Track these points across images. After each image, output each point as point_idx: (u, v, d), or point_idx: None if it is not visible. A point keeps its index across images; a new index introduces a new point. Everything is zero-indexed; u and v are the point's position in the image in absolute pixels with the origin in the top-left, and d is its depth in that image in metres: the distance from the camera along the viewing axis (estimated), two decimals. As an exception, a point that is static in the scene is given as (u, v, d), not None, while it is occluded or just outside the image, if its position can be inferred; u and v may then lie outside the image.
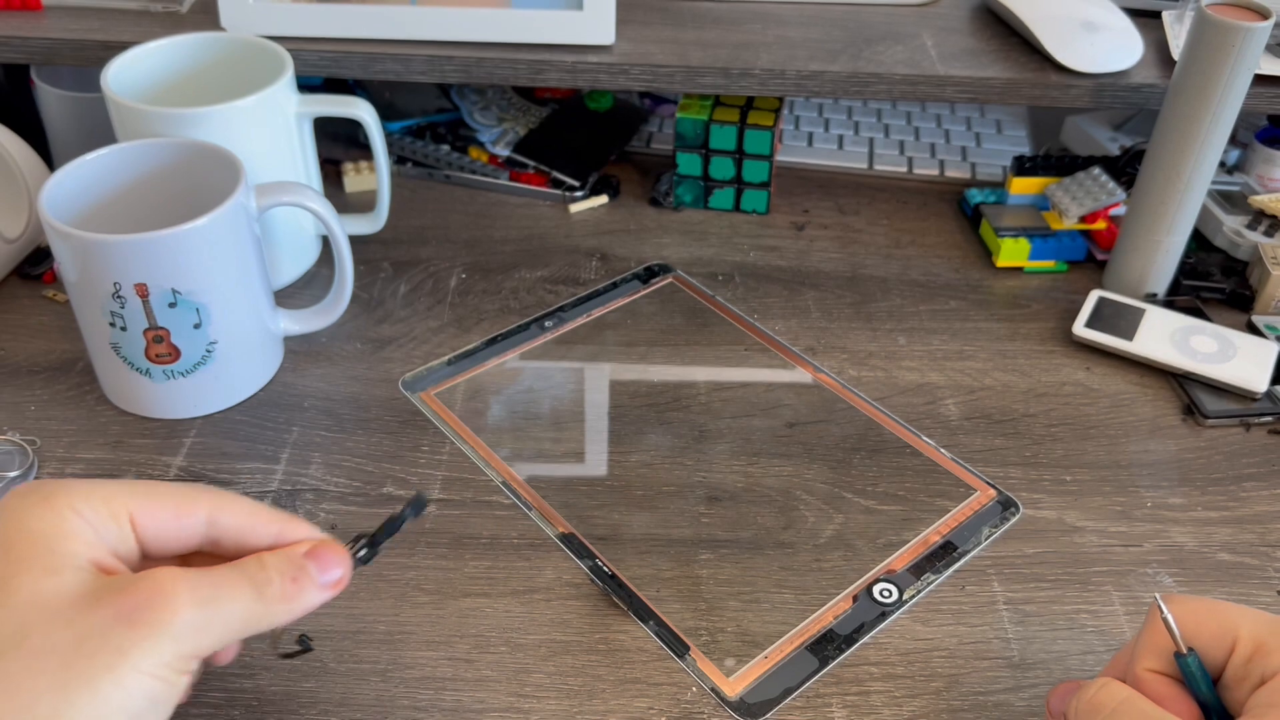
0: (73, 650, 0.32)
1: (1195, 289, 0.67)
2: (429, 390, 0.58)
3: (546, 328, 0.62)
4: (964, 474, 0.55)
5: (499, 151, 0.79)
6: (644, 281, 0.67)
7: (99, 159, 0.57)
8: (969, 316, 0.66)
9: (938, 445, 0.56)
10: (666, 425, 0.57)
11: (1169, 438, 0.58)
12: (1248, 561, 0.51)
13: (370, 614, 0.48)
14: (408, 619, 0.47)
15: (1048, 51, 0.70)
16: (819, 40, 0.73)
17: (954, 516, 0.52)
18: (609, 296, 0.65)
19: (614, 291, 0.66)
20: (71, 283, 0.54)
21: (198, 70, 0.66)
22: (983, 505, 0.53)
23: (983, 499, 0.53)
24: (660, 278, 0.67)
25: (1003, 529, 0.52)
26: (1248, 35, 0.57)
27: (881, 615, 0.47)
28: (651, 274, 0.67)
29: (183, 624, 0.33)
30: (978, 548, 0.51)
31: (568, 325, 0.63)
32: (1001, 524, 0.52)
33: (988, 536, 0.51)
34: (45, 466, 0.55)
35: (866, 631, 0.47)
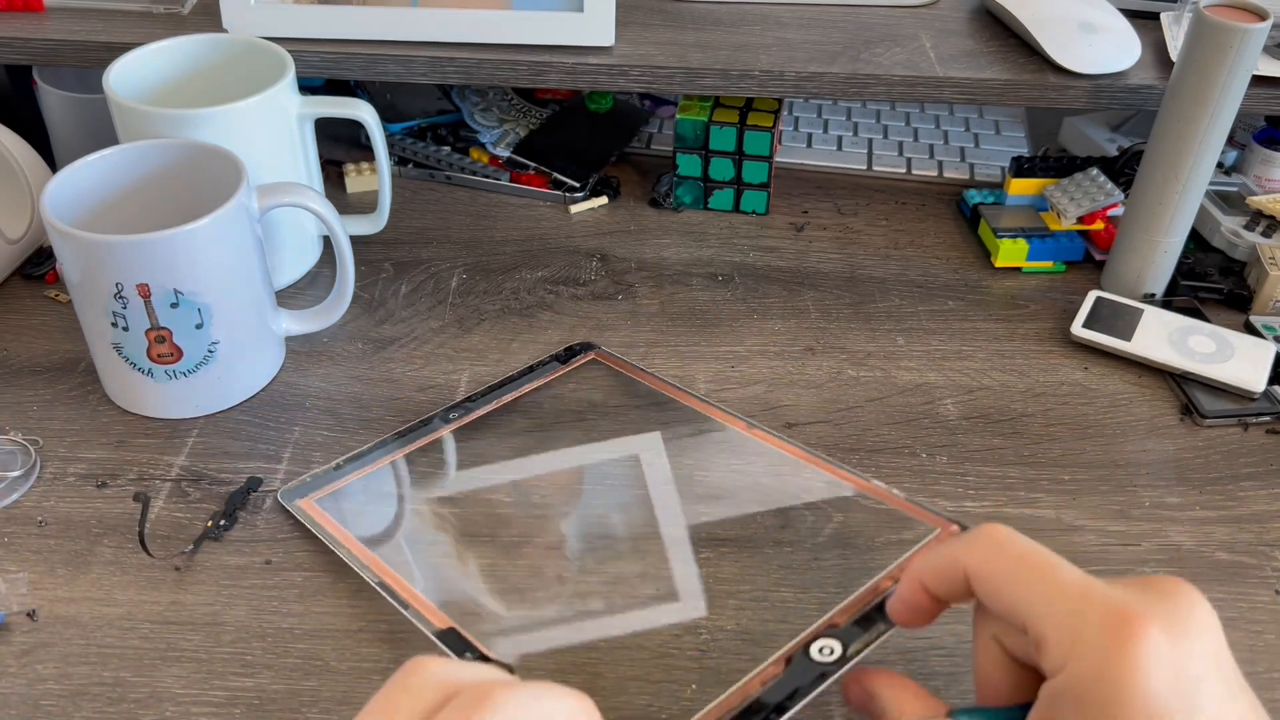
0: None
1: (1193, 289, 0.67)
2: (309, 497, 0.52)
3: (450, 419, 0.56)
4: (923, 514, 0.49)
5: (500, 153, 0.79)
6: (563, 362, 0.61)
7: (101, 160, 0.57)
8: (967, 317, 0.67)
9: (889, 489, 0.51)
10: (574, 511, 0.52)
11: (1167, 437, 0.58)
12: (1245, 561, 0.51)
13: (371, 613, 0.48)
14: (410, 618, 0.48)
15: (1046, 53, 0.71)
16: (818, 42, 0.73)
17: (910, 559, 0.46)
18: (524, 380, 0.59)
19: (530, 375, 0.60)
20: (74, 283, 0.54)
21: (199, 71, 0.66)
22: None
23: (943, 536, 0.48)
24: (581, 356, 0.61)
25: None
26: (1245, 36, 0.58)
27: (821, 677, 0.41)
28: (571, 354, 0.61)
29: None
30: None
31: (474, 414, 0.57)
32: None
33: None
34: (48, 466, 0.55)
35: (801, 698, 0.40)
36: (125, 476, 0.54)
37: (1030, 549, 0.35)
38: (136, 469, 0.55)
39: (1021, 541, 0.35)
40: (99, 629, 0.47)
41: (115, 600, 0.48)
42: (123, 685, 0.45)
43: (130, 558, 0.50)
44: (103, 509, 0.53)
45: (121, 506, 0.53)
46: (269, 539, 0.51)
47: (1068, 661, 0.32)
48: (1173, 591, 0.33)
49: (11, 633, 0.47)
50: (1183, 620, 0.32)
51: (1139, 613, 0.31)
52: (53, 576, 0.49)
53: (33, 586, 0.49)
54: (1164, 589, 0.33)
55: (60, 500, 0.53)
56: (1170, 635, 0.31)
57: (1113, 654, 0.31)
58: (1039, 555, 0.35)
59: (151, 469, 0.55)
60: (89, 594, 0.48)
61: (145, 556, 0.50)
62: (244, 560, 0.50)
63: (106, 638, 0.47)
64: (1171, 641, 0.31)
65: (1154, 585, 0.33)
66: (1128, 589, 0.33)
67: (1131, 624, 0.31)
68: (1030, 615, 0.33)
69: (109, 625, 0.47)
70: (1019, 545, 0.35)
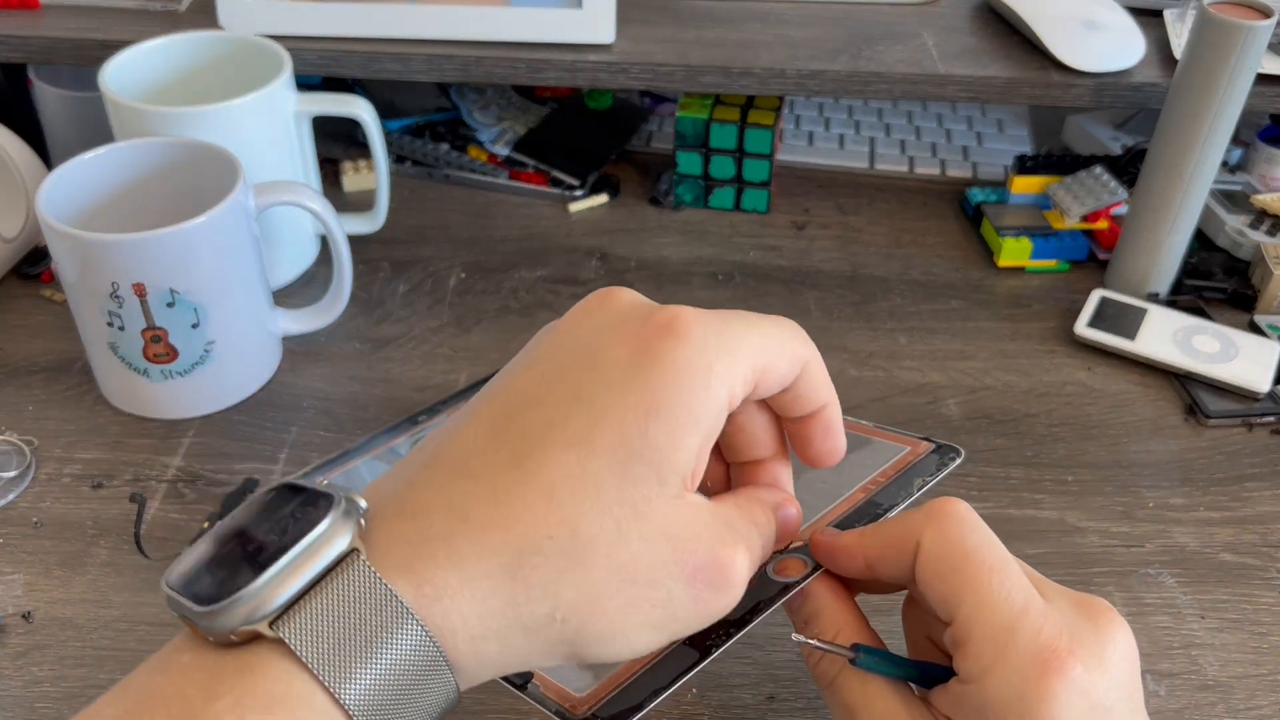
0: (643, 588, 0.30)
1: (1197, 289, 0.67)
2: None
3: (419, 421, 0.55)
4: (891, 436, 0.46)
5: (498, 150, 0.78)
6: None
7: (97, 158, 0.57)
8: (970, 316, 0.66)
9: (855, 418, 0.47)
10: None
11: (1171, 438, 0.58)
12: (1250, 562, 0.51)
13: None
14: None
15: (1049, 50, 0.70)
16: (819, 39, 0.73)
17: (880, 474, 0.43)
18: None
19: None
20: (69, 282, 0.54)
21: (196, 69, 0.66)
22: (915, 458, 0.44)
23: (913, 454, 0.44)
24: None
25: (940, 475, 0.43)
26: (1250, 34, 0.57)
27: (783, 590, 0.38)
28: None
29: (723, 611, 0.32)
30: (908, 500, 0.41)
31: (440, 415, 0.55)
32: (938, 472, 0.43)
33: (920, 488, 0.42)
34: (43, 467, 0.54)
35: (763, 611, 0.37)
36: (121, 477, 0.54)
37: (983, 543, 0.34)
38: (132, 469, 0.54)
39: (978, 532, 0.35)
40: (95, 631, 0.47)
41: (111, 602, 0.48)
42: (118, 688, 0.44)
43: (126, 559, 0.50)
44: (98, 510, 0.52)
45: (117, 507, 0.52)
46: (266, 540, 0.51)
47: (986, 677, 0.33)
48: (1104, 623, 0.34)
49: (7, 634, 0.46)
50: (1104, 653, 0.33)
51: (1066, 647, 0.32)
52: (48, 578, 0.49)
53: (28, 588, 0.48)
54: (1096, 618, 0.34)
55: (56, 501, 0.53)
56: (1091, 670, 0.33)
57: (1032, 683, 0.32)
58: (990, 553, 0.34)
59: (148, 469, 0.54)
60: (85, 595, 0.48)
61: (141, 558, 0.50)
62: (240, 562, 0.50)
63: (102, 639, 0.46)
64: (1091, 676, 0.32)
65: (1087, 611, 0.34)
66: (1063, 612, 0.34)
67: (1059, 658, 0.32)
68: (960, 615, 0.33)
69: (105, 627, 0.47)
70: (974, 536, 0.34)
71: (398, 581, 0.28)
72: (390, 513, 0.30)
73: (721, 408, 0.32)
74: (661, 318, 0.32)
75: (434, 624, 0.28)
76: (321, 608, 0.27)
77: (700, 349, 0.32)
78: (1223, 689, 0.45)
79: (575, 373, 0.31)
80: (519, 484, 0.29)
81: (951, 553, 0.34)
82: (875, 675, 0.35)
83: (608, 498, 0.30)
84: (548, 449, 0.30)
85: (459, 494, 0.30)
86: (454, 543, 0.29)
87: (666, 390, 0.31)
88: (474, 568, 0.29)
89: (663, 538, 0.30)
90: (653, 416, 0.30)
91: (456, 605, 0.28)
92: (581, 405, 0.31)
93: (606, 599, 0.30)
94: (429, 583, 0.28)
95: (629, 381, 0.31)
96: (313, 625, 0.27)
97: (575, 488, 0.29)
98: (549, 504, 0.29)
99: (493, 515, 0.29)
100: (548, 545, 0.29)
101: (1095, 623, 0.34)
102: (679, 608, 0.31)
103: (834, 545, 0.37)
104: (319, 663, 0.27)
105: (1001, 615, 0.33)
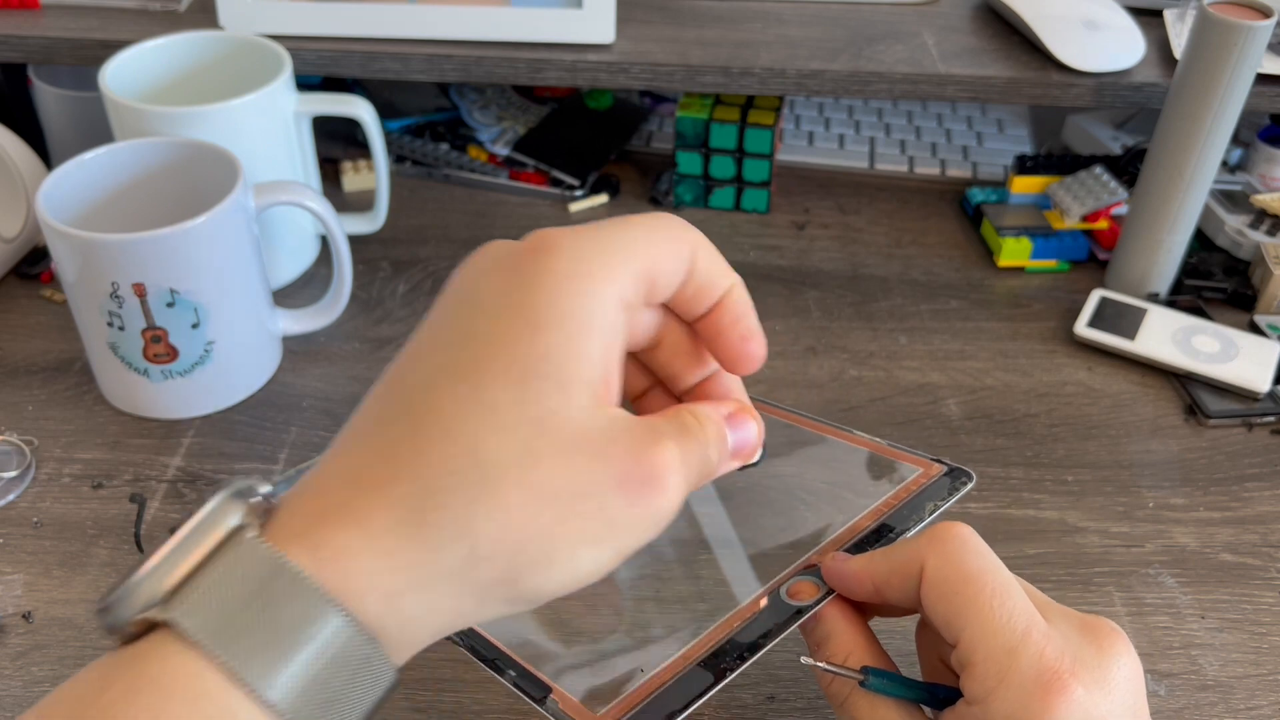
0: (569, 502, 0.28)
1: (1197, 288, 0.67)
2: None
3: None
4: (905, 457, 0.46)
5: (498, 150, 0.78)
6: None
7: (97, 158, 0.57)
8: (970, 316, 0.66)
9: (870, 436, 0.48)
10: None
11: (1171, 438, 0.58)
12: (1250, 562, 0.51)
13: (369, 615, 0.47)
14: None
15: (1049, 50, 0.70)
16: (820, 39, 0.73)
17: (894, 496, 0.44)
18: None
19: None
20: (69, 282, 0.54)
21: (196, 69, 0.66)
22: (928, 480, 0.44)
23: (926, 476, 0.45)
24: None
25: (953, 499, 0.43)
26: (1250, 34, 0.57)
27: (796, 614, 0.39)
28: None
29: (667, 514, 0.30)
30: (920, 524, 0.41)
31: None
32: (950, 496, 0.43)
33: (933, 512, 0.42)
34: (43, 467, 0.54)
35: (776, 635, 0.38)
36: (121, 477, 0.54)
37: (986, 568, 0.35)
38: (132, 470, 0.54)
39: (980, 555, 0.35)
40: (95, 631, 0.47)
41: (111, 602, 0.48)
42: (118, 688, 0.44)
43: (126, 559, 0.50)
44: (98, 510, 0.52)
45: (117, 507, 0.52)
46: (266, 540, 0.51)
47: (990, 699, 0.33)
48: (1108, 645, 0.34)
49: (7, 634, 0.46)
50: (1107, 675, 0.34)
51: (1067, 669, 0.33)
52: (48, 578, 0.49)
53: (28, 588, 0.48)
54: (1100, 641, 0.34)
55: (56, 501, 0.53)
56: (1092, 691, 0.33)
57: (1035, 704, 0.32)
58: (993, 577, 0.35)
59: (147, 470, 0.54)
60: (85, 595, 0.48)
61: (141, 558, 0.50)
62: (241, 562, 0.50)
63: (102, 639, 0.46)
64: (1093, 698, 0.33)
65: (1091, 633, 0.35)
66: (1067, 634, 0.34)
67: (1060, 679, 0.33)
68: (965, 638, 0.34)
69: (104, 628, 0.47)
70: (976, 560, 0.35)
71: (291, 549, 0.27)
72: (293, 496, 0.29)
73: (613, 309, 0.31)
74: (531, 241, 0.31)
75: (335, 586, 0.27)
76: (210, 584, 0.27)
77: (575, 258, 0.31)
78: (1222, 689, 0.45)
79: (458, 319, 0.31)
80: (412, 433, 0.29)
81: (954, 576, 0.35)
82: (885, 697, 0.36)
83: (509, 419, 0.28)
84: (438, 391, 0.29)
85: (356, 461, 0.29)
86: (352, 505, 0.28)
87: (549, 303, 0.30)
88: (377, 523, 0.27)
89: (577, 449, 0.29)
90: (540, 330, 0.29)
91: (360, 564, 0.27)
92: (467, 341, 0.30)
93: (530, 522, 0.28)
94: (326, 545, 0.27)
95: (509, 305, 0.30)
96: (203, 602, 0.26)
97: (471, 417, 0.28)
98: (446, 441, 0.28)
99: (390, 469, 0.28)
100: (451, 481, 0.28)
101: (1099, 644, 0.34)
102: (616, 515, 0.29)
103: (843, 570, 0.38)
104: (211, 637, 0.26)
105: (1003, 638, 0.34)
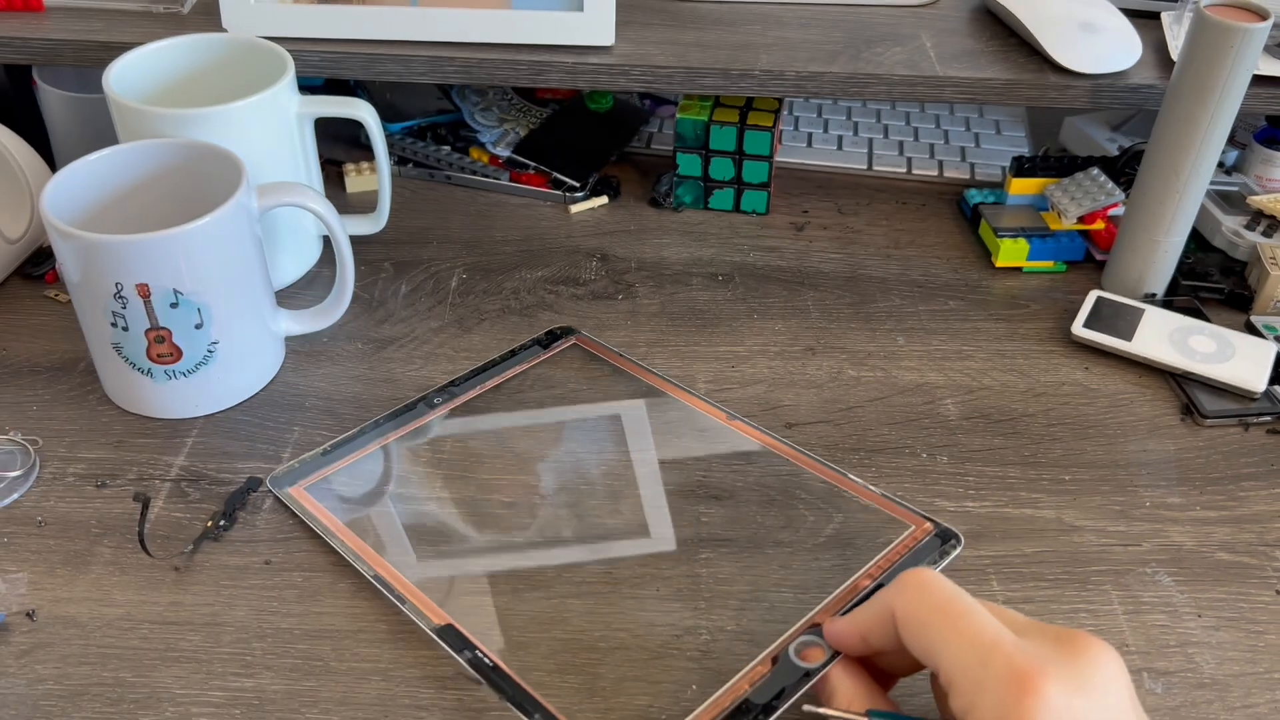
0: None
1: (1194, 289, 0.67)
2: (299, 485, 0.53)
3: (435, 404, 0.57)
4: (896, 510, 0.51)
5: (500, 152, 0.79)
6: (544, 347, 0.62)
7: (101, 159, 0.57)
8: (968, 317, 0.67)
9: (866, 484, 0.53)
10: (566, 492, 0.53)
11: (1168, 437, 0.58)
12: (1246, 561, 0.51)
13: (371, 613, 0.48)
14: (408, 618, 0.47)
15: (1046, 52, 0.71)
16: (818, 41, 0.73)
17: (885, 557, 0.48)
18: (506, 365, 0.60)
19: (511, 360, 0.60)
20: (73, 283, 0.54)
21: (199, 71, 0.66)
22: (917, 541, 0.49)
23: (918, 534, 0.50)
24: (562, 341, 0.62)
25: (941, 565, 0.48)
26: (1246, 36, 0.57)
27: (805, 676, 0.42)
28: (553, 338, 0.62)
29: None
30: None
31: (458, 399, 0.58)
32: (940, 559, 0.48)
33: None
34: (47, 466, 0.55)
35: (788, 697, 0.41)
36: (125, 476, 0.54)
37: (949, 597, 0.37)
38: (136, 469, 0.55)
39: (942, 589, 0.38)
40: (98, 629, 0.47)
41: (114, 600, 0.48)
42: (122, 685, 0.45)
43: (130, 558, 0.50)
44: (102, 509, 0.52)
45: (121, 506, 0.53)
46: (268, 539, 0.51)
47: (971, 711, 0.35)
48: (1083, 650, 0.35)
49: (11, 633, 0.47)
50: (1085, 677, 0.35)
51: (1038, 669, 0.34)
52: (52, 577, 0.49)
53: (32, 586, 0.49)
54: (1075, 646, 0.35)
55: (60, 500, 0.53)
56: (1068, 691, 0.34)
57: (1010, 706, 0.34)
58: (957, 604, 0.37)
59: (151, 469, 0.55)
60: (88, 594, 0.48)
61: (145, 556, 0.50)
62: (243, 560, 0.50)
63: (106, 638, 0.47)
64: (1069, 697, 0.34)
65: (1067, 641, 0.36)
66: (1039, 644, 0.35)
67: (1031, 679, 0.34)
68: (941, 661, 0.36)
69: (108, 625, 0.47)
70: (939, 593, 0.37)
71: None
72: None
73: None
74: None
75: None
76: None
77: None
78: (1219, 687, 0.46)
79: None
80: None
81: (921, 610, 0.37)
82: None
83: None
84: None
85: None
86: None
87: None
88: None
89: None
90: None
91: None
92: None
93: None
94: None
95: None
96: None
97: None
98: None
99: None
100: None
101: (1073, 650, 0.35)
102: None
103: (834, 629, 0.42)
104: None
105: (973, 652, 0.35)
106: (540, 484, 0.53)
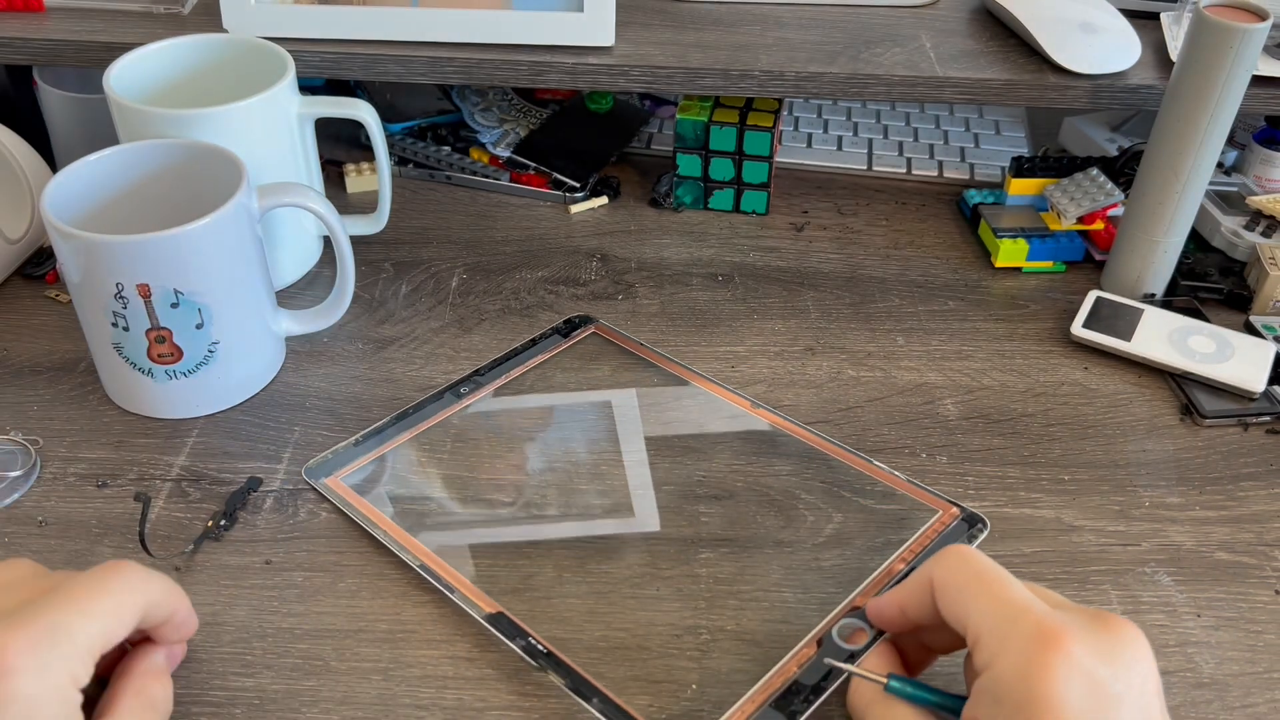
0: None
1: (1193, 289, 0.67)
2: (335, 476, 0.54)
3: (462, 394, 0.58)
4: (923, 495, 0.53)
5: (500, 153, 0.79)
6: (564, 335, 0.63)
7: (101, 160, 0.57)
8: (967, 317, 0.67)
9: (891, 469, 0.54)
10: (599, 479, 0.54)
11: (1167, 437, 0.58)
12: (1245, 560, 0.51)
13: (371, 613, 0.48)
14: (409, 617, 0.48)
15: (1046, 53, 0.71)
16: (818, 42, 0.73)
17: (917, 541, 0.50)
18: (528, 355, 0.61)
19: (533, 349, 0.62)
20: (74, 283, 0.54)
21: (200, 71, 0.66)
22: (946, 526, 0.51)
23: (945, 519, 0.52)
24: (582, 330, 0.63)
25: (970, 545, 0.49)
26: (1245, 36, 0.58)
27: (850, 657, 0.44)
28: (573, 327, 0.64)
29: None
30: None
31: (484, 389, 0.59)
32: (970, 541, 0.50)
33: None
34: (48, 466, 0.55)
35: (836, 678, 0.43)
36: (125, 476, 0.54)
37: (988, 567, 0.39)
38: (137, 469, 0.55)
39: (982, 560, 0.39)
40: (99, 629, 0.47)
41: (115, 600, 0.48)
42: (123, 685, 0.45)
43: (131, 557, 0.50)
44: (103, 509, 0.53)
45: (122, 506, 0.53)
46: (269, 539, 0.51)
47: (994, 660, 0.36)
48: (1115, 627, 0.36)
49: (12, 632, 0.47)
50: (1112, 648, 0.36)
51: (1065, 629, 0.35)
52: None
53: (33, 586, 0.49)
54: (1108, 622, 0.37)
55: (60, 500, 0.53)
56: (1093, 655, 0.35)
57: (1034, 659, 0.35)
58: (994, 573, 0.39)
59: (152, 469, 0.55)
60: (89, 594, 0.48)
61: (146, 556, 0.50)
62: (244, 560, 0.50)
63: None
64: (1094, 661, 0.35)
65: (1100, 617, 0.37)
66: (1067, 613, 0.37)
67: (1058, 637, 0.35)
68: (970, 619, 0.37)
69: (109, 625, 0.47)
70: (979, 563, 0.39)
71: None
72: None
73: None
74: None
75: None
76: None
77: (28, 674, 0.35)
78: (1218, 686, 0.46)
79: None
80: None
81: (958, 577, 0.39)
82: (904, 703, 0.40)
83: None
84: None
85: None
86: None
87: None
88: None
89: None
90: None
91: None
92: None
93: None
94: None
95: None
96: None
97: None
98: None
99: None
100: None
101: (1105, 624, 0.36)
102: None
103: (876, 605, 0.43)
104: None
105: (1004, 610, 0.37)
106: (577, 467, 0.55)
